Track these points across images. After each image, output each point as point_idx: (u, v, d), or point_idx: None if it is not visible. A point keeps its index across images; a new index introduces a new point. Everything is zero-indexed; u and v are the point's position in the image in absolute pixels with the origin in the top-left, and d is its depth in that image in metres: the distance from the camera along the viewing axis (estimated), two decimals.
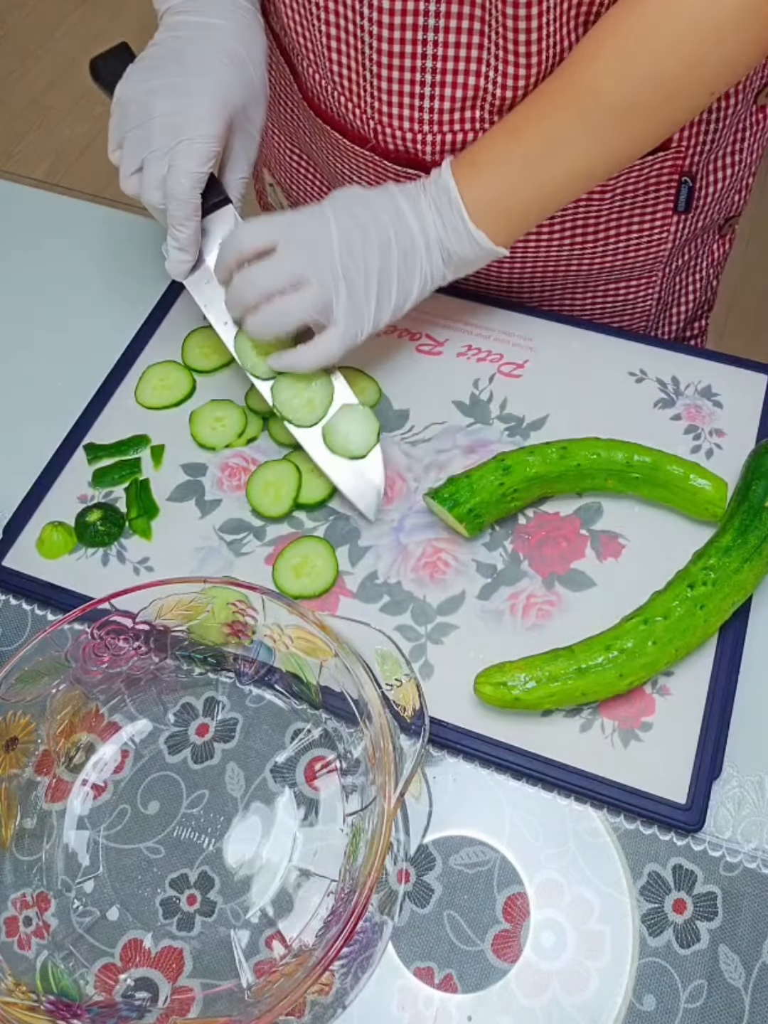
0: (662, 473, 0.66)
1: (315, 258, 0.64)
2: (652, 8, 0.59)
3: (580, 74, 0.62)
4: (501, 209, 0.66)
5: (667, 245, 0.81)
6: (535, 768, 0.59)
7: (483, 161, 0.65)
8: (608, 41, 0.61)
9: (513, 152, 0.64)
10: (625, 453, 0.66)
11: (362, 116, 0.72)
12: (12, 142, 2.30)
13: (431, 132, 0.71)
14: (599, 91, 0.61)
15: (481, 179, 0.65)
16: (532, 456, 0.66)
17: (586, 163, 0.65)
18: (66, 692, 0.61)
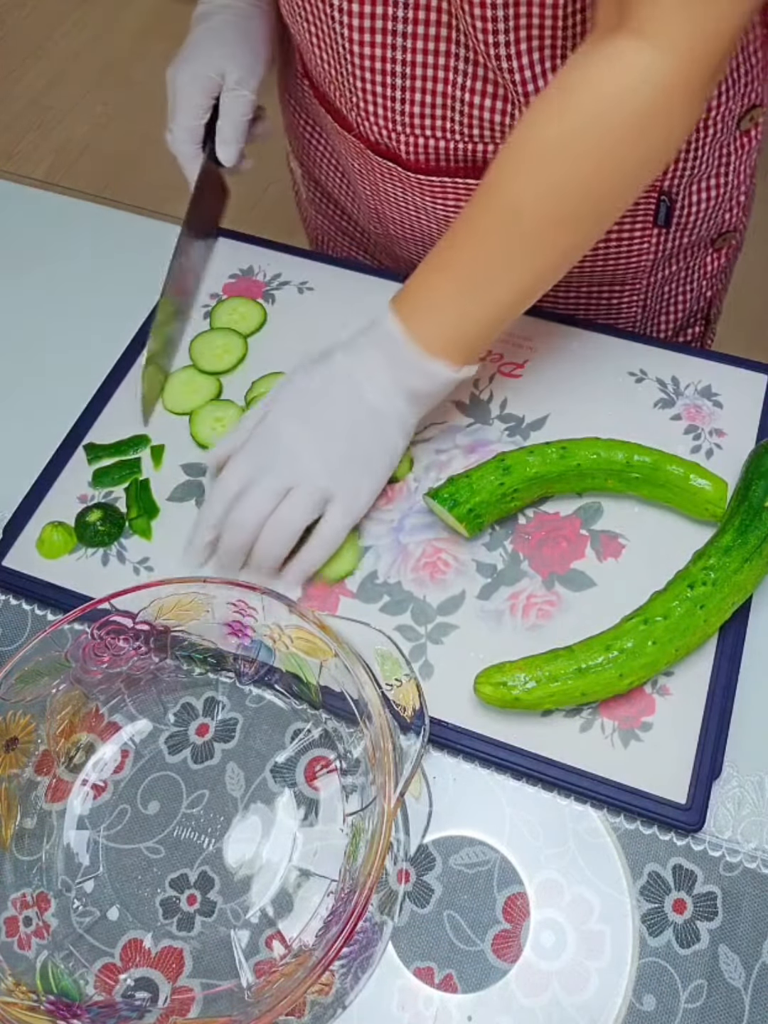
0: (662, 473, 0.66)
1: (288, 465, 0.64)
2: (557, 117, 0.58)
3: (501, 195, 0.61)
4: (453, 338, 0.64)
5: (648, 256, 0.82)
6: (535, 768, 0.59)
7: (421, 300, 0.64)
8: (521, 157, 0.60)
9: (451, 286, 0.63)
10: (625, 453, 0.66)
11: (346, 107, 0.73)
12: (12, 142, 2.30)
13: (404, 133, 0.72)
14: (521, 210, 0.60)
15: (426, 318, 0.64)
16: (532, 456, 0.66)
17: (527, 281, 0.64)
18: (66, 692, 0.61)
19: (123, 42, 2.49)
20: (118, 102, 2.35)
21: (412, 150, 0.73)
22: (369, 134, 0.74)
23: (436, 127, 0.71)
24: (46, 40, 2.51)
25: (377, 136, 0.74)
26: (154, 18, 2.53)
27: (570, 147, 0.58)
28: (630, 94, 0.56)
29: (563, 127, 0.58)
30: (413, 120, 0.71)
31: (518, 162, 0.60)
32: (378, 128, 0.73)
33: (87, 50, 2.47)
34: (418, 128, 0.71)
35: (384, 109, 0.71)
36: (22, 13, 2.58)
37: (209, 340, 0.79)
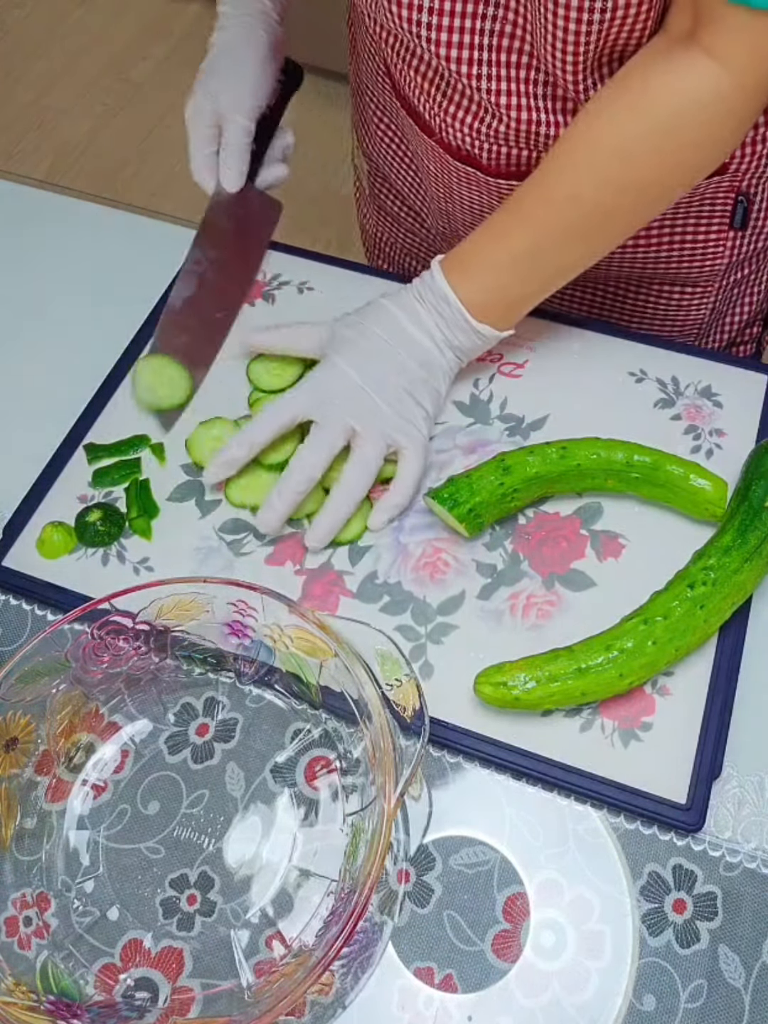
0: (662, 473, 0.66)
1: (352, 405, 0.67)
2: (622, 119, 0.62)
3: (558, 184, 0.65)
4: (498, 303, 0.70)
5: (723, 260, 0.82)
6: (535, 768, 0.59)
7: (473, 264, 0.69)
8: (582, 152, 0.64)
9: (502, 255, 0.68)
10: (625, 453, 0.66)
11: (429, 112, 0.74)
12: (12, 142, 2.30)
13: (488, 142, 0.73)
14: (579, 200, 0.65)
15: (475, 281, 0.69)
16: (532, 456, 0.66)
17: (571, 261, 0.69)
18: (66, 692, 0.61)
19: (123, 42, 2.49)
20: (118, 102, 2.35)
21: (494, 158, 0.74)
22: (452, 141, 0.75)
23: (520, 140, 0.72)
24: (46, 40, 2.51)
25: (459, 143, 0.74)
26: (154, 18, 2.53)
27: (637, 149, 0.62)
28: (697, 107, 0.60)
29: (634, 130, 0.62)
30: (498, 134, 0.72)
31: (583, 155, 0.64)
32: (461, 136, 0.73)
33: (87, 50, 2.47)
34: (502, 139, 0.72)
35: (469, 121, 0.72)
36: (22, 13, 2.58)
37: None
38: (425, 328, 0.70)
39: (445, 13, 0.65)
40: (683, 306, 0.87)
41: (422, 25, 0.66)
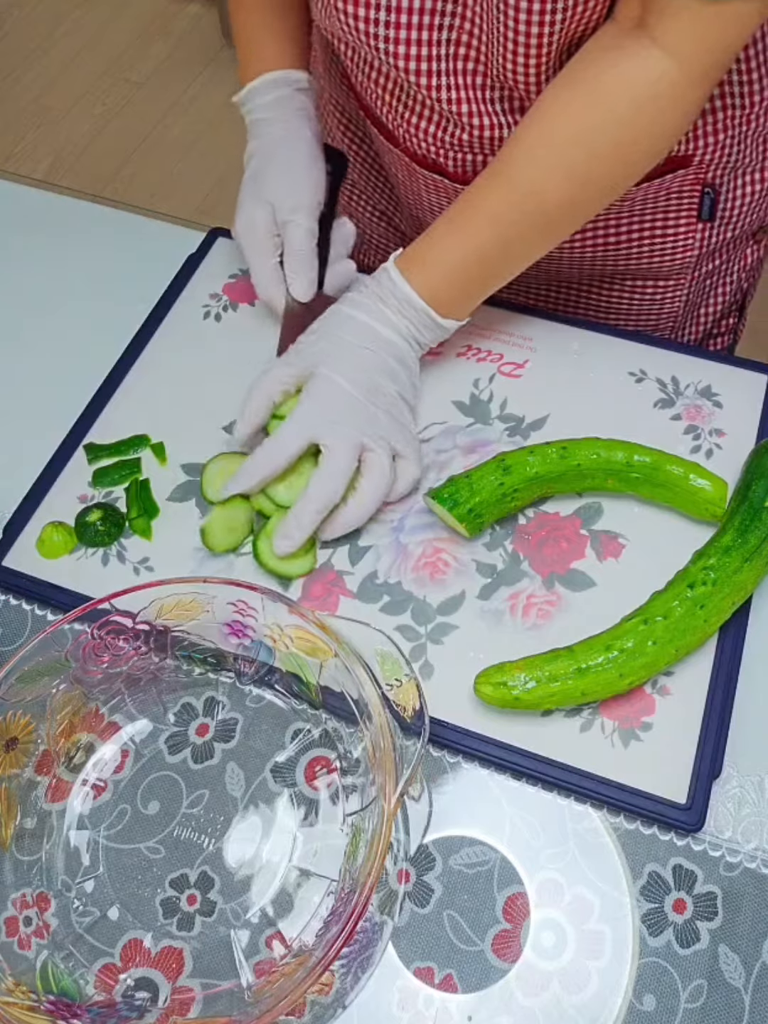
0: (662, 473, 0.66)
1: (358, 422, 0.67)
2: (580, 112, 0.62)
3: (519, 179, 0.65)
4: (459, 298, 0.70)
5: (693, 252, 0.82)
6: (535, 768, 0.59)
7: (433, 262, 0.69)
8: (542, 146, 0.64)
9: (463, 252, 0.68)
10: (625, 453, 0.66)
11: (392, 123, 0.74)
12: (12, 142, 2.30)
13: (452, 150, 0.73)
14: (541, 194, 0.65)
15: (436, 280, 0.69)
16: (532, 456, 0.66)
17: (533, 253, 0.70)
18: (66, 692, 0.61)
19: (123, 42, 2.49)
20: (118, 102, 2.35)
21: (459, 166, 0.74)
22: (416, 150, 0.75)
23: (484, 147, 0.72)
24: (46, 40, 2.51)
25: (424, 152, 0.74)
26: (154, 18, 2.53)
27: (597, 140, 0.63)
28: (651, 96, 0.61)
29: (592, 122, 0.62)
30: (461, 142, 0.72)
31: (544, 150, 0.64)
32: (425, 145, 0.73)
33: (87, 50, 2.47)
34: (466, 147, 0.72)
35: (432, 130, 0.72)
36: (22, 13, 2.58)
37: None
38: (396, 328, 0.70)
39: (402, 26, 0.65)
40: (656, 300, 0.88)
41: (379, 37, 0.66)
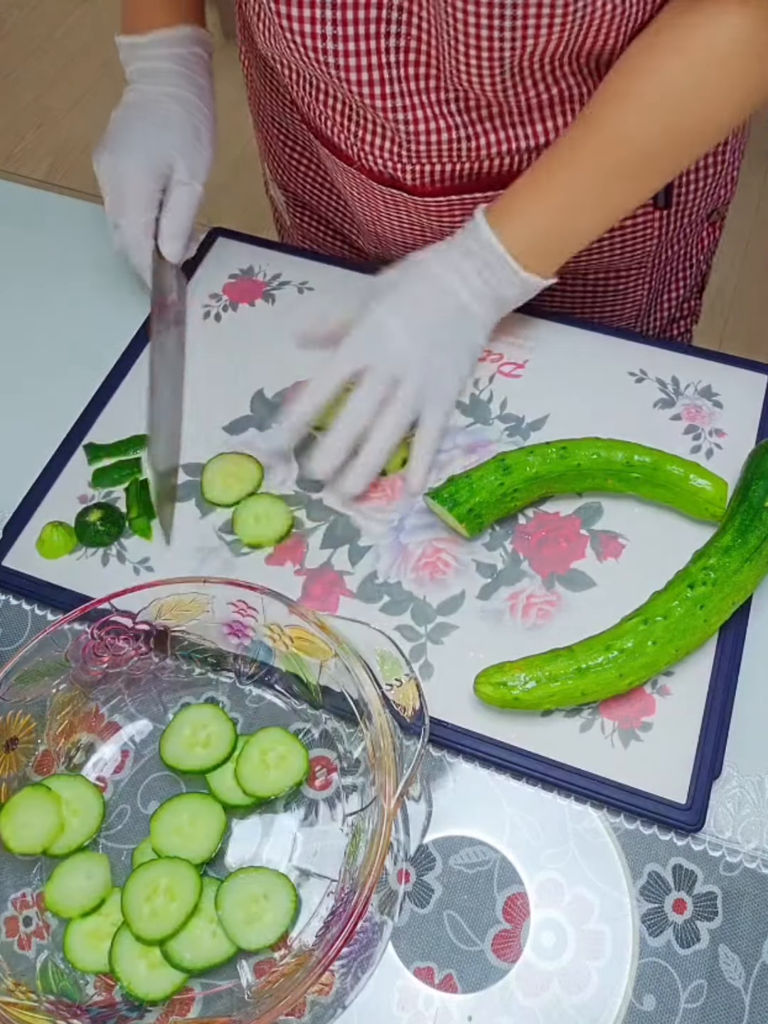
0: (662, 473, 0.66)
1: (397, 356, 0.67)
2: (664, 66, 0.62)
3: (606, 126, 0.65)
4: (543, 250, 0.69)
5: (652, 241, 0.82)
6: (535, 768, 0.59)
7: (518, 213, 0.69)
8: (629, 95, 0.64)
9: (548, 202, 0.68)
10: (625, 453, 0.66)
11: (345, 142, 0.73)
12: (12, 142, 2.30)
13: (411, 162, 0.72)
14: (628, 141, 0.65)
15: (520, 229, 0.68)
16: (532, 456, 0.66)
17: (618, 203, 0.70)
18: (66, 692, 0.61)
19: None
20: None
21: (418, 177, 0.73)
22: (372, 167, 0.74)
23: (443, 155, 0.72)
24: (46, 40, 2.51)
25: (381, 168, 0.73)
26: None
27: (682, 93, 0.63)
28: (733, 48, 0.61)
29: (676, 74, 0.62)
30: (419, 152, 0.71)
31: (632, 102, 0.64)
32: (383, 160, 0.73)
33: (87, 50, 2.47)
34: (424, 157, 0.72)
35: (388, 146, 0.72)
36: (22, 13, 2.58)
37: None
38: (466, 280, 0.69)
39: (350, 38, 0.64)
40: (620, 291, 0.88)
41: (328, 53, 0.65)
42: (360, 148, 0.73)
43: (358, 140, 0.72)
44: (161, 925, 0.53)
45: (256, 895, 0.55)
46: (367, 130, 0.71)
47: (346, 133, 0.72)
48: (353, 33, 0.64)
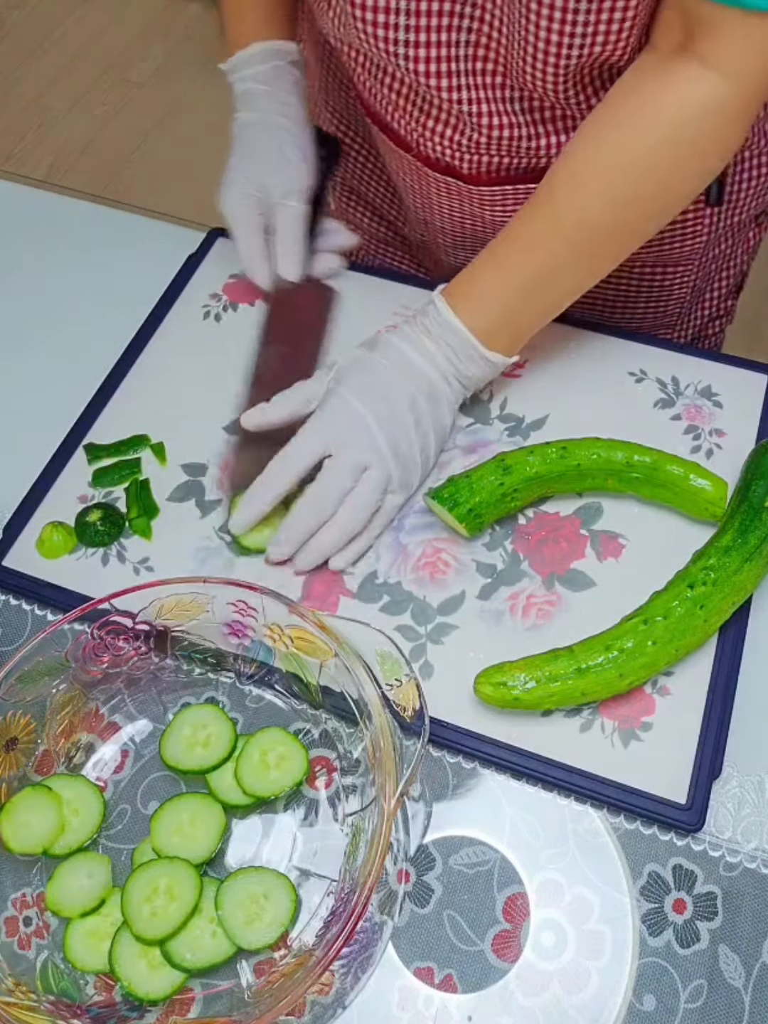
0: (662, 473, 0.66)
1: (364, 444, 0.66)
2: (626, 137, 0.62)
3: (565, 208, 0.65)
4: (506, 331, 0.69)
5: (703, 237, 0.82)
6: (535, 768, 0.59)
7: (478, 293, 0.68)
8: (588, 173, 0.63)
9: (508, 283, 0.67)
10: (625, 453, 0.66)
11: (405, 128, 0.73)
12: (12, 142, 2.30)
13: (469, 153, 0.73)
14: (586, 221, 0.64)
15: (482, 311, 0.68)
16: (532, 456, 0.66)
17: (579, 282, 0.69)
18: (66, 692, 0.61)
19: (123, 42, 2.49)
20: (118, 102, 2.35)
21: (474, 167, 0.74)
22: (430, 154, 0.74)
23: (501, 149, 0.72)
24: (46, 40, 2.51)
25: (439, 155, 0.74)
26: (154, 18, 2.53)
27: (644, 164, 0.62)
28: (700, 117, 0.60)
29: (639, 146, 0.62)
30: (480, 144, 0.72)
31: (589, 176, 0.63)
32: (441, 148, 0.73)
33: (87, 50, 2.47)
34: (484, 149, 0.72)
35: (449, 134, 0.72)
36: (22, 13, 2.58)
37: None
38: (433, 360, 0.68)
39: (422, 29, 0.64)
40: (665, 287, 0.88)
41: (399, 43, 0.65)
42: (420, 135, 0.73)
43: (419, 126, 0.72)
44: (161, 925, 0.53)
45: (256, 895, 0.55)
46: (430, 116, 0.72)
47: (407, 119, 0.73)
48: (426, 25, 0.64)
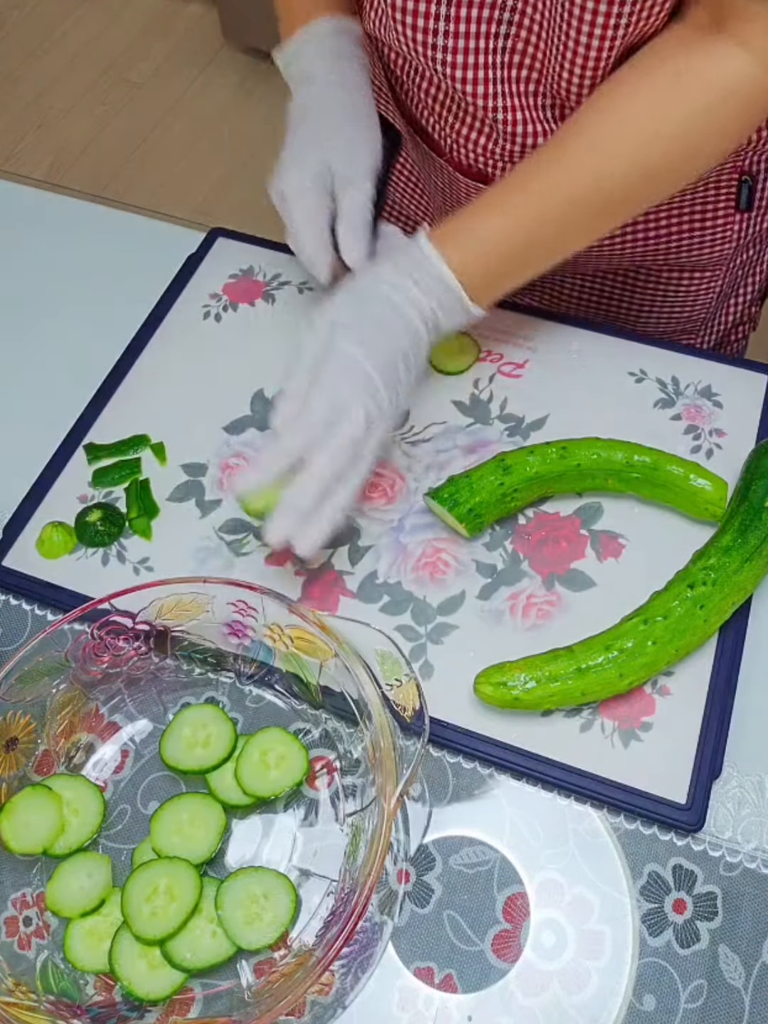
0: (662, 473, 0.66)
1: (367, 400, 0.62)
2: (659, 105, 0.61)
3: (578, 162, 0.63)
4: (496, 286, 0.67)
5: (731, 243, 0.82)
6: (535, 768, 0.59)
7: (476, 245, 0.65)
8: (612, 134, 0.62)
9: (509, 228, 0.65)
10: (625, 453, 0.66)
11: (440, 133, 0.73)
12: (12, 142, 2.30)
13: (502, 160, 0.72)
14: (600, 181, 0.63)
15: (477, 264, 0.65)
16: (532, 456, 0.66)
17: (584, 238, 0.67)
18: (66, 692, 0.61)
19: (123, 42, 2.49)
20: (118, 102, 2.35)
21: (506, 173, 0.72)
22: (463, 160, 0.74)
23: None
24: (46, 40, 2.51)
25: (472, 162, 0.73)
26: (154, 18, 2.53)
27: (671, 135, 0.61)
28: (732, 95, 0.60)
29: (670, 116, 0.61)
30: (513, 152, 0.71)
31: (606, 136, 0.62)
32: (474, 155, 0.73)
33: (87, 50, 2.47)
34: (517, 156, 0.72)
35: (483, 142, 0.71)
36: (22, 13, 2.58)
37: None
38: (421, 312, 0.65)
39: (460, 35, 0.64)
40: (691, 291, 0.87)
41: (437, 48, 0.65)
42: (454, 140, 0.73)
43: (453, 132, 0.72)
44: (161, 925, 0.53)
45: (256, 895, 0.55)
46: (464, 123, 0.71)
47: (442, 123, 0.72)
48: (464, 31, 0.64)
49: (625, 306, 0.90)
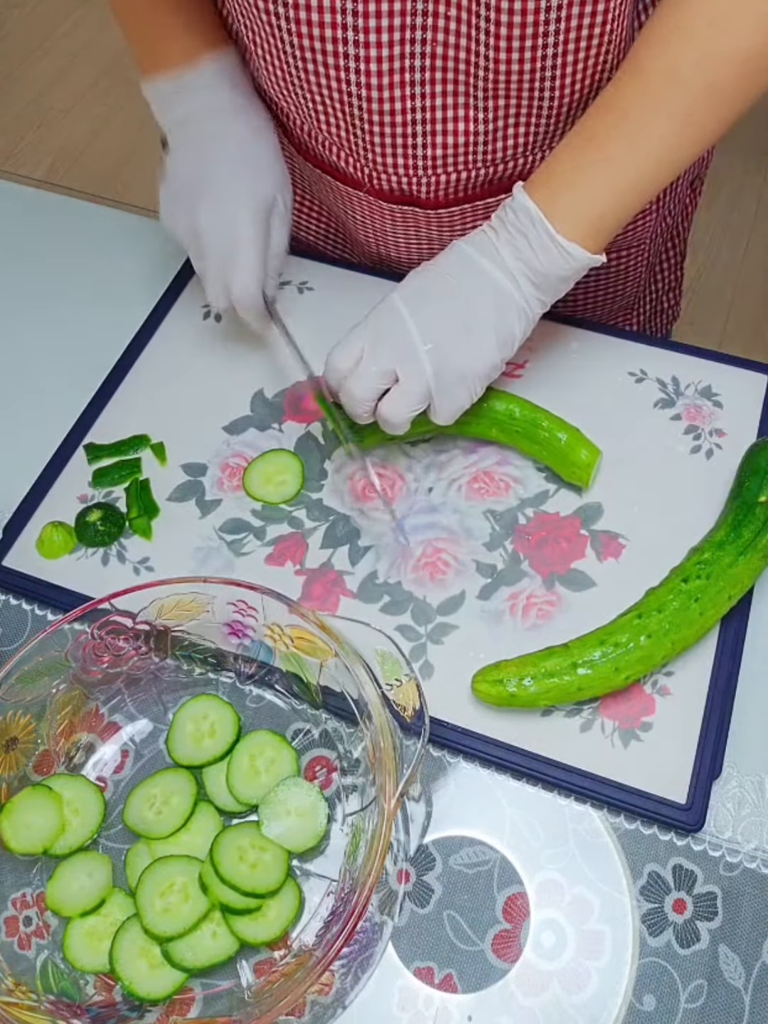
0: (540, 430, 0.68)
1: (398, 349, 0.62)
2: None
3: (653, 63, 0.59)
4: (590, 217, 0.62)
5: (652, 213, 0.82)
6: (535, 768, 0.59)
7: (562, 173, 0.62)
8: (676, 28, 0.59)
9: (595, 158, 0.61)
10: (507, 405, 0.69)
11: (354, 165, 0.72)
12: (12, 142, 2.30)
13: (426, 175, 0.70)
14: (677, 76, 0.59)
15: (562, 193, 0.62)
16: None
17: (674, 152, 0.62)
18: (66, 692, 0.61)
19: (123, 42, 2.48)
20: (118, 102, 2.35)
21: (432, 189, 0.72)
22: (384, 185, 0.72)
23: (459, 163, 0.69)
24: (46, 40, 2.51)
25: (394, 185, 0.72)
26: None
27: (733, 15, 0.58)
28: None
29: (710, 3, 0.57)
30: (436, 162, 0.69)
31: (676, 32, 0.59)
32: (396, 177, 0.71)
33: (87, 50, 2.47)
34: (440, 167, 0.70)
35: (404, 158, 0.69)
36: (22, 13, 2.58)
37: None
38: (499, 260, 0.63)
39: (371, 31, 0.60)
40: (622, 271, 0.88)
41: (348, 44, 0.61)
42: (372, 169, 0.71)
43: (369, 162, 0.70)
44: (171, 923, 0.54)
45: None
46: (382, 147, 0.69)
47: (355, 156, 0.70)
48: (375, 26, 0.60)
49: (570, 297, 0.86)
